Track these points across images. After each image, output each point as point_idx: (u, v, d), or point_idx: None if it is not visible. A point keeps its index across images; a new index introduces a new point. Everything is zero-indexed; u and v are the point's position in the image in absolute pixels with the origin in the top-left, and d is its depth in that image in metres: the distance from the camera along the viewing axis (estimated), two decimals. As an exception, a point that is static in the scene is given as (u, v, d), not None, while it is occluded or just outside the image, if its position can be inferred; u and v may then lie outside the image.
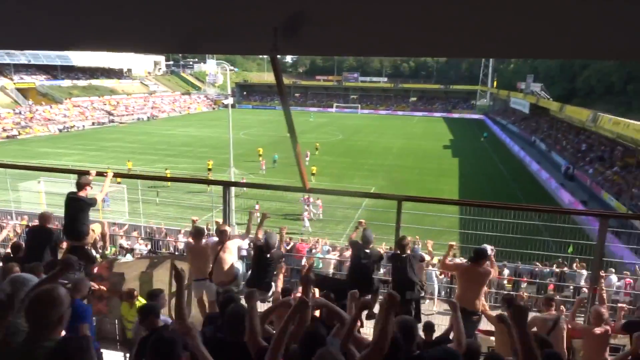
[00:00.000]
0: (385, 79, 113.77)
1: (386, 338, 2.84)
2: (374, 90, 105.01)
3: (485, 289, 5.75)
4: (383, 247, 11.34)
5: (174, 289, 5.69)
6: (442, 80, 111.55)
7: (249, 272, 6.45)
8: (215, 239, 6.42)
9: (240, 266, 6.53)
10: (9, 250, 6.92)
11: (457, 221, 9.61)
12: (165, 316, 4.94)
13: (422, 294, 6.16)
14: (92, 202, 6.40)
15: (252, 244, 6.57)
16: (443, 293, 11.85)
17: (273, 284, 6.21)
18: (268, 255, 6.08)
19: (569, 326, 5.23)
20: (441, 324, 5.88)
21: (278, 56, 3.64)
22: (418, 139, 57.47)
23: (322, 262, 12.90)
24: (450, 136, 62.17)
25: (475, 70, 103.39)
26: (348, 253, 13.99)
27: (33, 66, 73.35)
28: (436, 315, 7.49)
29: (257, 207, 13.10)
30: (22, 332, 2.75)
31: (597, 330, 4.87)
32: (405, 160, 42.33)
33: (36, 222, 6.84)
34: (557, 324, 4.99)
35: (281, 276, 5.91)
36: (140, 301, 6.00)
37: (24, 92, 65.99)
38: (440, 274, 12.11)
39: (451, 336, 4.39)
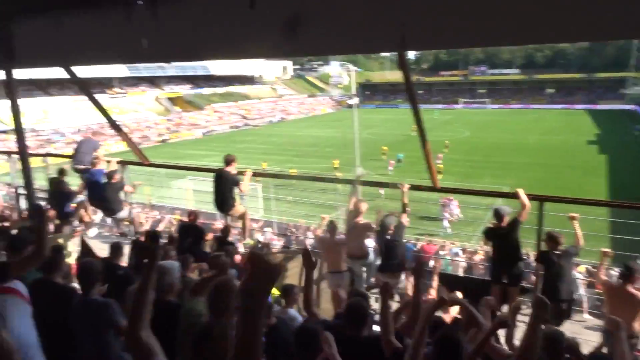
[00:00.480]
0: (517, 71, 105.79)
1: (533, 353, 2.60)
2: (504, 83, 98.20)
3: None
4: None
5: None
6: (584, 68, 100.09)
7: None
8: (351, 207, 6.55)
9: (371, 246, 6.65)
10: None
11: (607, 225, 8.56)
12: (294, 311, 5.13)
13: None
14: (235, 180, 7.00)
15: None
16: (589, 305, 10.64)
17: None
18: (388, 237, 6.06)
19: None
20: (589, 340, 5.28)
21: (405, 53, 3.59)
22: (556, 134, 52.43)
23: (451, 264, 12.46)
24: (595, 130, 55.66)
25: (623, 55, 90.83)
26: (477, 257, 13.37)
27: (180, 77, 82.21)
28: (584, 330, 6.71)
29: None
30: (196, 315, 3.17)
31: None
32: (542, 157, 38.90)
33: (186, 218, 7.72)
34: None
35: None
36: (273, 293, 6.35)
37: (173, 100, 74.59)
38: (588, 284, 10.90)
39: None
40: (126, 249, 5.71)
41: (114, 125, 7.87)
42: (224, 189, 6.98)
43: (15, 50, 5.21)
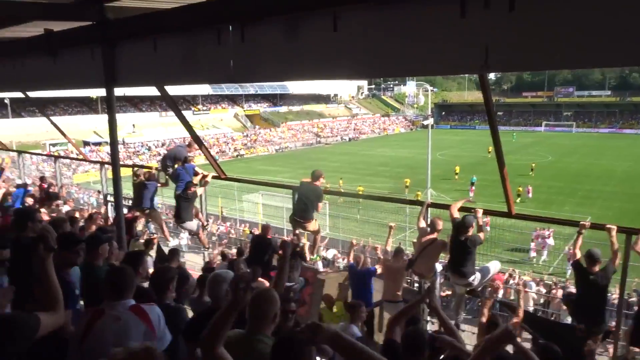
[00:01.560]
0: (609, 92, 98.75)
1: None
2: (593, 105, 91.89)
3: None
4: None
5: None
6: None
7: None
8: (422, 225, 6.39)
9: (438, 267, 6.50)
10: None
11: None
12: (356, 327, 5.10)
13: None
14: (321, 195, 7.13)
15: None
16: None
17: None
18: (463, 239, 5.81)
19: None
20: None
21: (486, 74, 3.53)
22: (650, 162, 48.22)
23: (519, 294, 11.76)
24: (700, 159, 50.49)
25: None
26: (556, 291, 12.53)
27: (259, 95, 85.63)
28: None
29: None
30: None
31: None
32: (633, 187, 35.85)
33: (257, 231, 7.98)
34: None
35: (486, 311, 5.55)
36: (339, 307, 6.40)
37: (250, 117, 77.79)
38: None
39: None
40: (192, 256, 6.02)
41: (197, 139, 8.35)
42: (307, 200, 7.07)
43: (116, 71, 5.75)
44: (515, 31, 2.90)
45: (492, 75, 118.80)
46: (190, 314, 4.43)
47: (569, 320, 10.52)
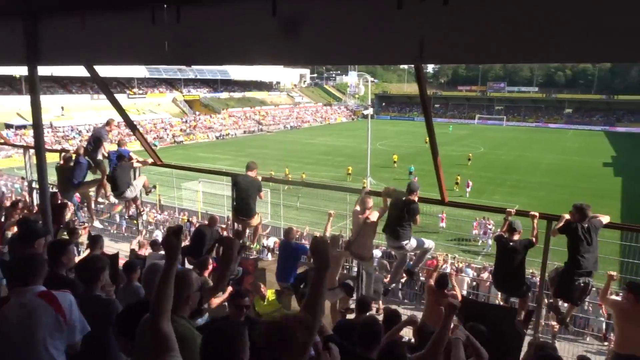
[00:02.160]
0: (536, 89, 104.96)
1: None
2: (522, 101, 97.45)
3: None
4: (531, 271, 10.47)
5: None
6: (605, 89, 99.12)
7: None
8: (357, 208, 6.37)
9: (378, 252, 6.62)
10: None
11: (618, 248, 8.46)
12: None
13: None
14: (259, 185, 6.97)
15: None
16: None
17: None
18: (404, 200, 6.00)
19: None
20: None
21: (422, 66, 3.62)
22: (572, 155, 51.89)
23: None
24: (612, 152, 54.94)
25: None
26: (485, 275, 13.27)
27: (198, 80, 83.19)
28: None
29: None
30: None
31: None
32: (556, 177, 38.48)
33: (197, 219, 7.78)
34: None
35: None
36: (271, 295, 6.42)
37: (190, 103, 75.43)
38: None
39: None
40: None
41: (130, 124, 8.00)
42: (249, 195, 6.91)
43: (39, 48, 5.35)
44: (449, 24, 2.97)
45: (429, 69, 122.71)
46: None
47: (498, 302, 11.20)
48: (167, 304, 2.30)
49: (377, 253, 12.04)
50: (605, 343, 5.38)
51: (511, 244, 5.41)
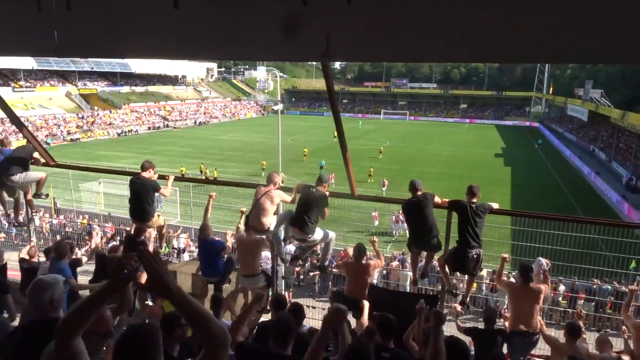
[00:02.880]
0: (435, 85, 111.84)
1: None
2: (423, 96, 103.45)
3: (539, 306, 5.45)
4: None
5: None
6: (494, 86, 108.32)
7: None
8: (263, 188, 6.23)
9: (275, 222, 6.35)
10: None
11: (509, 232, 9.28)
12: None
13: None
14: (155, 185, 6.50)
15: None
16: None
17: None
18: (314, 190, 5.97)
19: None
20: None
21: (329, 62, 3.67)
22: (468, 147, 56.05)
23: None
24: (502, 144, 60.22)
25: (529, 75, 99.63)
26: (395, 263, 13.89)
27: (95, 73, 77.59)
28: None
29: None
30: None
31: None
32: (454, 168, 41.36)
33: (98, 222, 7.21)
34: None
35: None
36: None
37: (86, 97, 69.98)
38: (491, 289, 11.75)
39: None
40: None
41: (16, 120, 7.22)
42: (142, 197, 6.42)
43: None
44: (354, 22, 3.03)
45: (337, 65, 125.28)
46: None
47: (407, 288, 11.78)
48: (85, 322, 2.09)
49: (290, 248, 12.11)
50: (501, 320, 5.88)
51: (414, 199, 5.71)
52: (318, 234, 6.11)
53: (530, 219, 7.12)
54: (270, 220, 6.14)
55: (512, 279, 6.28)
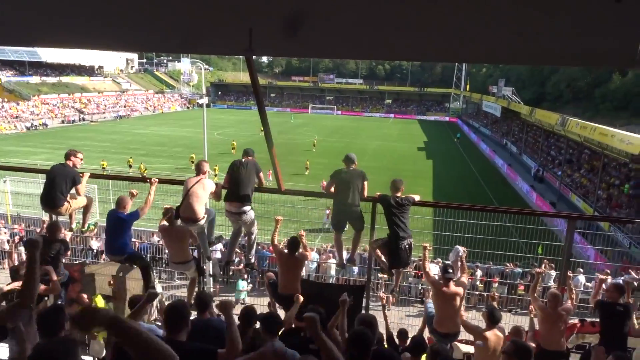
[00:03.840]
0: (361, 81, 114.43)
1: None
2: (350, 92, 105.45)
3: (460, 305, 5.59)
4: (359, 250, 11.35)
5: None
6: (417, 83, 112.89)
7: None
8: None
9: (209, 213, 6.28)
10: None
11: (431, 222, 9.73)
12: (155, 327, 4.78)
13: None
14: (74, 174, 6.12)
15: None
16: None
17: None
18: (244, 161, 6.18)
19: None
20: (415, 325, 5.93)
21: (253, 56, 3.63)
22: (393, 141, 58.01)
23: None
24: (424, 138, 62.96)
25: (448, 73, 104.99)
26: (324, 256, 14.10)
27: (-1, 61, 71.15)
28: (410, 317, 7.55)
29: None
30: None
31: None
32: (381, 161, 42.63)
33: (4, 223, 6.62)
34: None
35: None
36: (99, 301, 5.91)
37: (-11, 88, 63.94)
38: (416, 276, 12.26)
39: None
40: None
41: None
42: (57, 184, 6.00)
43: None
44: (276, 17, 3.01)
45: (264, 59, 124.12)
46: None
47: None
48: None
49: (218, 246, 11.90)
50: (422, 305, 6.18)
51: (343, 175, 6.10)
52: (250, 214, 6.09)
53: (449, 209, 7.52)
54: (203, 210, 6.03)
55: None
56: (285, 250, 5.84)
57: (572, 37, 2.56)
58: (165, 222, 6.18)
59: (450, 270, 5.52)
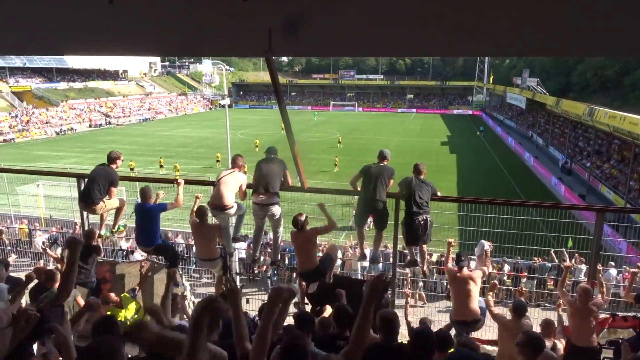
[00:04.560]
0: (382, 77, 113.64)
1: (364, 334, 2.77)
2: (371, 88, 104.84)
3: (478, 289, 5.68)
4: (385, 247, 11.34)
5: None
6: (438, 76, 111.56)
7: None
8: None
9: (240, 207, 6.42)
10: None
11: (456, 218, 9.63)
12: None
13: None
14: (115, 176, 6.39)
15: None
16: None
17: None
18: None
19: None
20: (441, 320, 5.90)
21: (273, 57, 3.66)
22: (415, 136, 57.46)
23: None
24: (447, 132, 62.16)
25: (471, 66, 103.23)
26: (349, 253, 14.13)
27: (28, 69, 73.24)
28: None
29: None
30: None
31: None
32: (403, 157, 42.08)
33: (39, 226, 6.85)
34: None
35: None
36: (131, 308, 6.03)
37: (19, 95, 65.90)
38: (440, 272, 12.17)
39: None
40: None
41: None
42: (96, 183, 6.26)
43: None
44: (297, 17, 3.03)
45: (284, 57, 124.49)
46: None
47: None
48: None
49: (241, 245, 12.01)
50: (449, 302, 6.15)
51: (372, 169, 6.25)
52: (277, 209, 6.18)
53: (474, 204, 7.43)
54: (232, 200, 6.15)
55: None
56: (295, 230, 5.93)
57: (593, 28, 2.50)
58: (196, 219, 6.35)
59: (463, 259, 5.55)
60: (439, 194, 6.08)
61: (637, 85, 54.28)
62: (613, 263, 11.30)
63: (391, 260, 6.76)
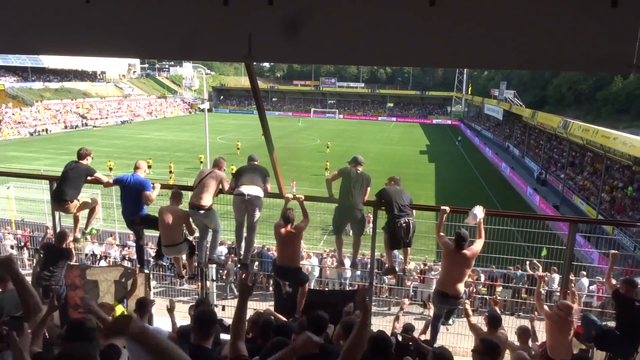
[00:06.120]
0: (363, 85, 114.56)
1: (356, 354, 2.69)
2: (352, 95, 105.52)
3: (469, 270, 5.70)
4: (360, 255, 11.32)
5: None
6: (418, 86, 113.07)
7: None
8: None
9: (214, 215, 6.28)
10: None
11: (434, 226, 9.70)
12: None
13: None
14: (89, 170, 6.32)
15: None
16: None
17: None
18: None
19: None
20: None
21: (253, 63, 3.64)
22: (395, 144, 57.97)
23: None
24: (426, 141, 62.90)
25: (450, 77, 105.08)
26: (329, 260, 14.09)
27: (2, 67, 71.49)
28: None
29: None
30: None
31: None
32: (383, 165, 42.58)
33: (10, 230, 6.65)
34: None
35: None
36: (120, 309, 5.90)
37: (-8, 94, 64.27)
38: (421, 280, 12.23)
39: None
40: None
41: None
42: (69, 180, 6.16)
43: None
44: (275, 23, 3.02)
45: (266, 63, 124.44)
46: None
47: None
48: None
49: (222, 249, 11.86)
50: (426, 311, 6.16)
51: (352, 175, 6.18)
52: (258, 212, 6.11)
53: (453, 214, 7.48)
54: (210, 200, 6.07)
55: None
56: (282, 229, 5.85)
57: (569, 42, 2.56)
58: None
59: (464, 242, 5.48)
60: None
61: (608, 100, 55.99)
62: (585, 273, 11.55)
63: (369, 267, 6.77)
